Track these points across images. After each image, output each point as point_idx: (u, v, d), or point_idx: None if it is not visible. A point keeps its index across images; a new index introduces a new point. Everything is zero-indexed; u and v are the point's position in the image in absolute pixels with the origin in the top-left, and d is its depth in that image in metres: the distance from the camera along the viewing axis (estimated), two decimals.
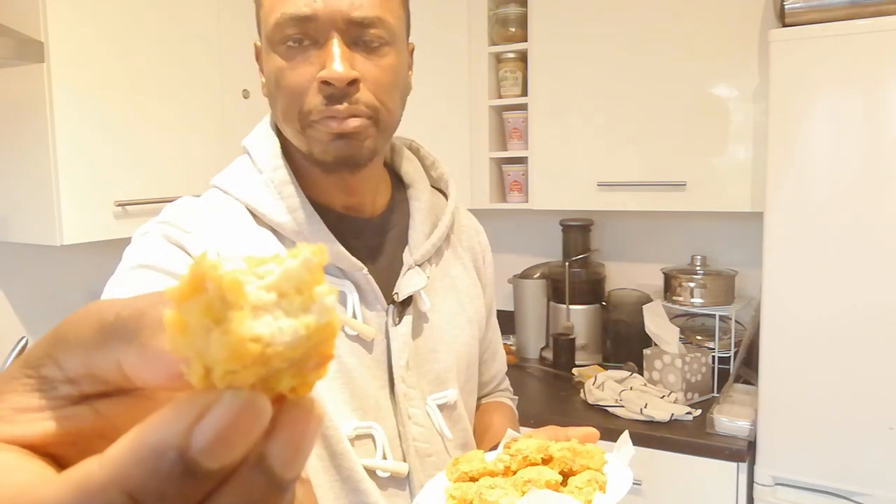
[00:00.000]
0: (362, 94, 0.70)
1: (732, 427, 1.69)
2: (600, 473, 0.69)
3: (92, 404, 0.23)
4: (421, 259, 0.82)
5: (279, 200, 0.75)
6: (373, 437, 0.77)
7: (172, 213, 0.76)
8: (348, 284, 0.76)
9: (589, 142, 2.02)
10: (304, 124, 0.72)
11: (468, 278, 0.90)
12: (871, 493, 1.53)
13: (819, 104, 1.51)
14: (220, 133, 1.76)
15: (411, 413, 0.79)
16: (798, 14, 1.57)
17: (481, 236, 0.97)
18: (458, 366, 0.85)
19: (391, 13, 0.72)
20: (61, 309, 1.78)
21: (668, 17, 1.88)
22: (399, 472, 0.77)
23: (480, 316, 0.91)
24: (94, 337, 0.22)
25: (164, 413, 0.19)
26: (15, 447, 0.22)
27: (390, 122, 0.75)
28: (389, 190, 0.86)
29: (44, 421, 0.22)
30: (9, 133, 1.47)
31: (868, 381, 1.51)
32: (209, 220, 0.74)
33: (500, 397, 1.06)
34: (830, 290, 1.53)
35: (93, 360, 0.22)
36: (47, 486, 0.19)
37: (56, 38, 1.39)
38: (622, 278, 2.34)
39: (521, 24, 2.11)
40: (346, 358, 0.75)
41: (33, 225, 1.47)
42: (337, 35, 0.69)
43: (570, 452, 0.70)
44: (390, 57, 0.73)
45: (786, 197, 1.56)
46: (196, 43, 1.69)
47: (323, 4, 0.68)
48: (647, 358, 1.95)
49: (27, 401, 0.23)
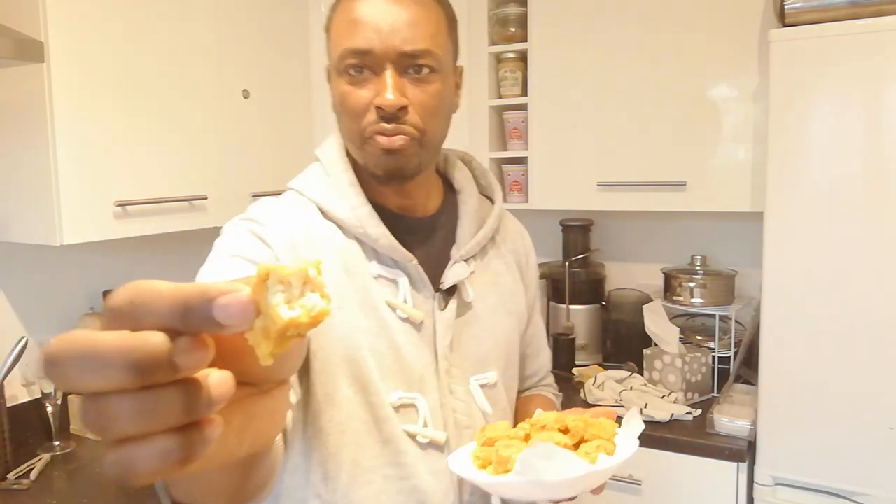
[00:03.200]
0: (410, 117, 0.83)
1: (732, 427, 1.69)
2: (609, 442, 0.76)
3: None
4: (466, 254, 0.93)
5: (343, 200, 0.88)
6: (416, 407, 0.87)
7: (254, 210, 0.89)
8: (400, 273, 0.88)
9: (589, 142, 2.02)
10: (361, 140, 0.85)
11: (510, 276, 1.00)
12: (871, 493, 1.53)
13: (819, 104, 1.51)
14: (220, 133, 1.76)
15: (453, 388, 0.90)
16: (798, 14, 1.57)
17: (526, 240, 1.08)
18: (498, 351, 0.95)
19: (438, 45, 0.84)
20: (61, 309, 1.78)
21: (668, 17, 1.88)
22: (437, 439, 0.87)
23: (521, 310, 1.02)
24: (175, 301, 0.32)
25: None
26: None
27: (434, 141, 0.87)
28: (441, 194, 0.98)
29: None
30: (9, 133, 1.47)
31: (868, 381, 1.51)
32: (283, 215, 0.88)
33: (543, 391, 1.15)
34: (830, 289, 1.53)
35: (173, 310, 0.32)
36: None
37: (56, 38, 1.39)
38: (622, 278, 2.34)
39: (521, 24, 2.11)
40: (398, 337, 0.86)
41: (33, 225, 1.47)
42: (390, 66, 0.81)
43: (583, 423, 0.78)
44: (437, 84, 0.85)
45: (786, 197, 1.56)
46: (196, 43, 1.69)
47: (379, 41, 0.80)
48: (647, 358, 1.95)
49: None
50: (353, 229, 0.87)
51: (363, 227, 0.87)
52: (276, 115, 1.94)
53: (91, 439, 1.69)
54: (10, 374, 1.52)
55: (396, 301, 0.87)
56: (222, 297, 0.30)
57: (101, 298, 1.80)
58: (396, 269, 0.88)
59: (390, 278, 0.88)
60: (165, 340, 0.29)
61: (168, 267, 2.05)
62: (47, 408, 1.63)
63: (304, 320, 0.31)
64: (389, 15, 0.81)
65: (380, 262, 0.88)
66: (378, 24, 0.81)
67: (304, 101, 2.04)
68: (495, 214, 0.99)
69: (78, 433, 1.72)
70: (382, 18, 0.81)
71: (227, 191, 1.79)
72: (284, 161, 1.97)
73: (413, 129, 0.83)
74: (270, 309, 0.31)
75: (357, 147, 0.87)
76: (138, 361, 0.28)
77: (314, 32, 2.05)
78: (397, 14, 0.81)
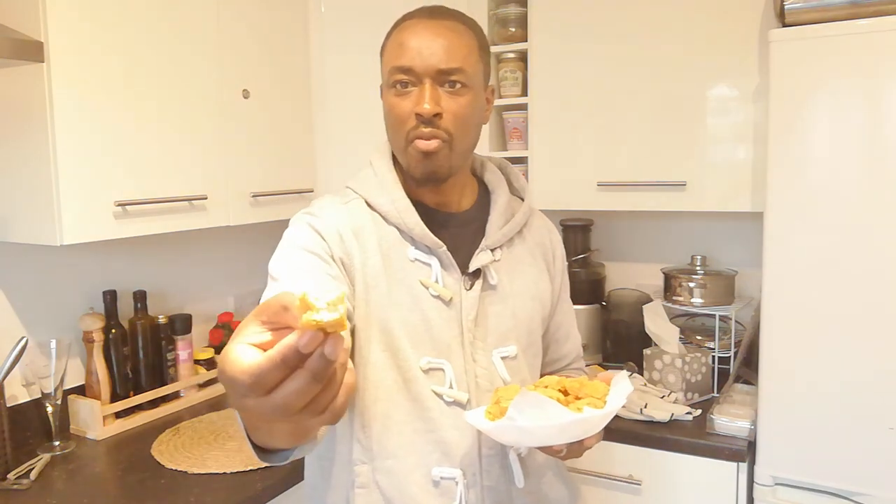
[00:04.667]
0: (443, 122, 1.00)
1: (732, 427, 1.69)
2: (599, 401, 0.90)
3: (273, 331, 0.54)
4: (493, 244, 1.09)
5: (387, 195, 1.06)
6: (444, 371, 1.03)
7: (314, 205, 1.08)
8: (433, 258, 1.04)
9: (589, 142, 2.02)
10: (405, 144, 1.02)
11: (535, 267, 1.16)
12: (871, 493, 1.53)
13: (819, 104, 1.51)
14: (220, 133, 1.76)
15: (476, 357, 1.05)
16: (798, 14, 1.57)
17: (552, 235, 1.23)
18: (519, 329, 1.10)
19: (469, 65, 1.01)
20: (61, 309, 1.78)
21: (668, 16, 1.88)
22: (460, 399, 1.03)
23: (544, 297, 1.16)
24: (277, 310, 0.52)
25: (296, 336, 0.49)
26: (253, 346, 0.51)
27: (463, 146, 1.03)
28: (475, 194, 1.15)
29: (262, 334, 0.53)
30: (9, 133, 1.47)
31: (868, 381, 1.51)
32: (333, 210, 1.05)
33: (571, 373, 1.28)
34: (830, 290, 1.53)
35: (278, 316, 0.53)
36: (255, 356, 0.50)
37: (56, 38, 1.39)
38: (622, 278, 2.35)
39: (521, 24, 2.11)
40: (429, 311, 1.03)
41: (33, 225, 1.47)
42: (429, 80, 0.99)
43: (578, 384, 0.93)
44: (468, 97, 1.02)
45: (786, 197, 1.56)
46: (196, 43, 1.69)
47: (420, 60, 0.99)
48: (647, 358, 1.95)
49: (255, 329, 0.53)
50: (393, 219, 1.04)
51: (401, 218, 1.04)
52: (276, 115, 1.94)
53: (91, 439, 1.69)
54: (10, 374, 1.52)
55: (429, 280, 1.03)
56: (325, 346, 0.49)
57: (101, 298, 1.80)
58: (430, 255, 1.04)
59: (425, 262, 1.04)
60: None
61: (168, 267, 2.05)
62: (47, 408, 1.63)
63: (324, 321, 0.48)
64: (430, 40, 0.99)
65: (416, 248, 1.04)
66: (420, 47, 0.99)
67: (304, 101, 2.04)
68: (523, 211, 1.14)
69: (78, 433, 1.72)
70: (424, 43, 0.99)
71: (227, 191, 1.79)
72: (284, 161, 1.97)
73: (445, 133, 1.00)
74: (303, 322, 0.49)
75: (401, 150, 1.04)
76: (316, 368, 0.49)
77: (314, 33, 2.05)
78: (436, 40, 0.99)
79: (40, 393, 1.63)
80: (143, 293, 1.85)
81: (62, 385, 1.64)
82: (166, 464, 1.54)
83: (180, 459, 1.56)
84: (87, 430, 1.71)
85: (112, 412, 1.74)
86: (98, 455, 1.61)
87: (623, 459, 1.78)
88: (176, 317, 1.92)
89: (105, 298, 1.79)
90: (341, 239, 1.02)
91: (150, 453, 1.60)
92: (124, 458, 1.59)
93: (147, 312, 1.86)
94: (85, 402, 1.71)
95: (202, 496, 1.39)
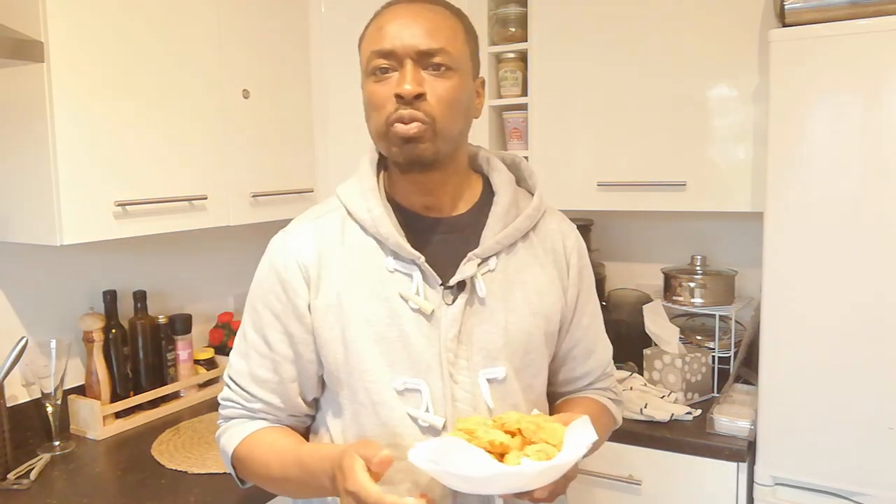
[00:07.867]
0: (425, 105, 0.91)
1: (732, 427, 1.69)
2: (554, 448, 0.81)
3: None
4: (483, 253, 0.98)
5: (364, 202, 0.98)
6: (420, 392, 0.94)
7: (291, 226, 1.03)
8: (414, 268, 0.96)
9: (589, 142, 2.02)
10: (385, 130, 0.92)
11: (543, 276, 1.03)
12: (871, 493, 1.53)
13: (819, 104, 1.51)
14: (220, 133, 1.76)
15: (458, 378, 0.95)
16: (798, 14, 1.57)
17: (568, 240, 1.10)
18: (510, 348, 0.98)
19: (453, 46, 0.93)
20: (61, 309, 1.78)
21: (668, 17, 1.88)
22: (435, 424, 0.93)
23: (551, 311, 1.03)
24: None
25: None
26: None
27: (447, 131, 0.93)
28: (477, 196, 1.04)
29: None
30: (9, 133, 1.47)
31: (868, 381, 1.51)
32: (302, 231, 1.00)
33: (594, 394, 1.16)
34: (830, 290, 1.53)
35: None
36: (371, 487, 0.78)
37: (56, 38, 1.39)
38: (622, 278, 2.35)
39: (521, 24, 2.11)
40: (407, 326, 0.94)
41: (33, 225, 1.47)
42: (410, 62, 0.91)
43: (534, 426, 0.83)
44: (454, 80, 0.93)
45: (786, 197, 1.56)
46: (196, 43, 1.69)
47: (400, 42, 0.91)
48: (647, 358, 1.95)
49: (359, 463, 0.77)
50: (368, 228, 0.97)
51: (376, 227, 0.96)
52: (276, 115, 1.94)
53: (91, 439, 1.69)
54: (10, 374, 1.52)
55: (409, 293, 0.94)
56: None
57: (101, 298, 1.80)
58: (411, 265, 0.96)
59: (406, 273, 0.96)
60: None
61: (168, 267, 2.05)
62: (47, 408, 1.63)
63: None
64: (410, 20, 0.92)
65: (395, 258, 0.96)
66: (400, 30, 0.91)
67: (304, 101, 2.04)
68: (527, 214, 1.03)
69: (78, 433, 1.72)
70: (404, 26, 0.92)
71: (227, 191, 1.79)
72: (284, 161, 1.97)
73: (426, 115, 0.91)
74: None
75: (380, 137, 0.95)
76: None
77: (314, 32, 2.05)
78: (417, 20, 0.92)
79: (40, 393, 1.63)
80: (143, 293, 1.85)
81: (62, 385, 1.64)
82: (166, 464, 1.54)
83: (180, 459, 1.56)
84: (87, 430, 1.71)
85: (112, 412, 1.74)
86: (98, 455, 1.61)
87: (623, 459, 1.78)
88: (176, 317, 1.92)
89: (105, 298, 1.79)
90: (303, 271, 0.97)
91: (151, 453, 1.60)
92: (124, 458, 1.59)
93: (147, 312, 1.86)
94: (85, 402, 1.71)
95: (202, 496, 1.39)
